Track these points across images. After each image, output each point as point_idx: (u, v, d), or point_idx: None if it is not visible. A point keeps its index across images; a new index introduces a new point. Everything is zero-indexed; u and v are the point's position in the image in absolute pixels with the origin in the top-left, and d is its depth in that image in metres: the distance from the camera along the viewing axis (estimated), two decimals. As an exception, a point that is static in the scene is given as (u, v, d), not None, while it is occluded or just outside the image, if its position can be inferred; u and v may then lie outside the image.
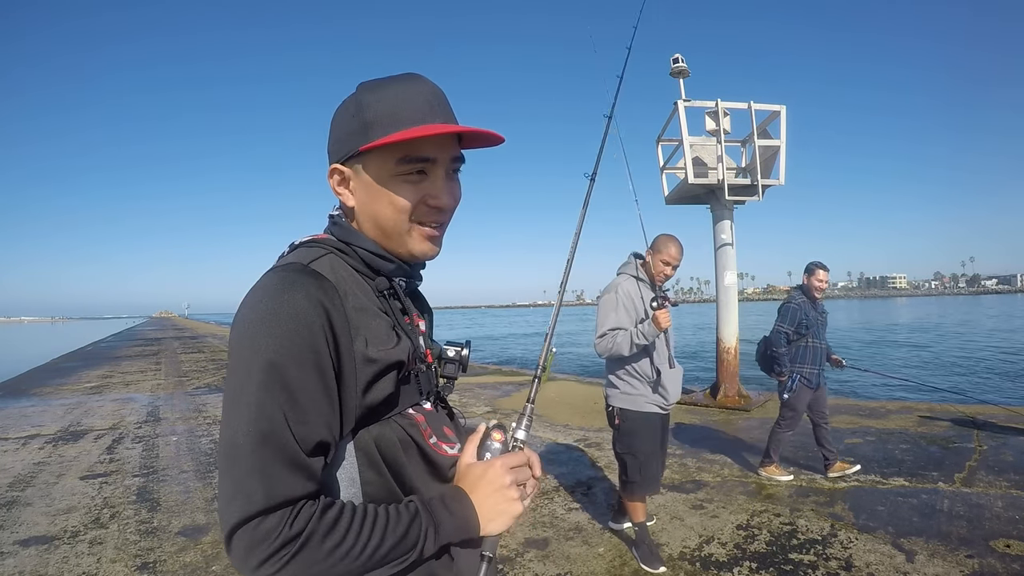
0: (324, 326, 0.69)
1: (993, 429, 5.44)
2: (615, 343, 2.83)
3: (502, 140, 0.85)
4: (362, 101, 0.79)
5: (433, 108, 0.79)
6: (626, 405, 2.93)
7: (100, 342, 29.38)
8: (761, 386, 8.16)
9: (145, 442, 5.94)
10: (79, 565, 3.10)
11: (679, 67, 7.02)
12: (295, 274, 0.72)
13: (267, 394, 0.65)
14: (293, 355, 0.66)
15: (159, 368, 14.03)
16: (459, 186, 0.86)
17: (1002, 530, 3.20)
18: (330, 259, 0.79)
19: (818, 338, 4.23)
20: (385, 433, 0.76)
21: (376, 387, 0.74)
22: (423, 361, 0.85)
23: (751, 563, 2.93)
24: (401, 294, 0.85)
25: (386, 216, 0.80)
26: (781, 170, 6.80)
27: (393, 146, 0.77)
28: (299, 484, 0.66)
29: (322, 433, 0.68)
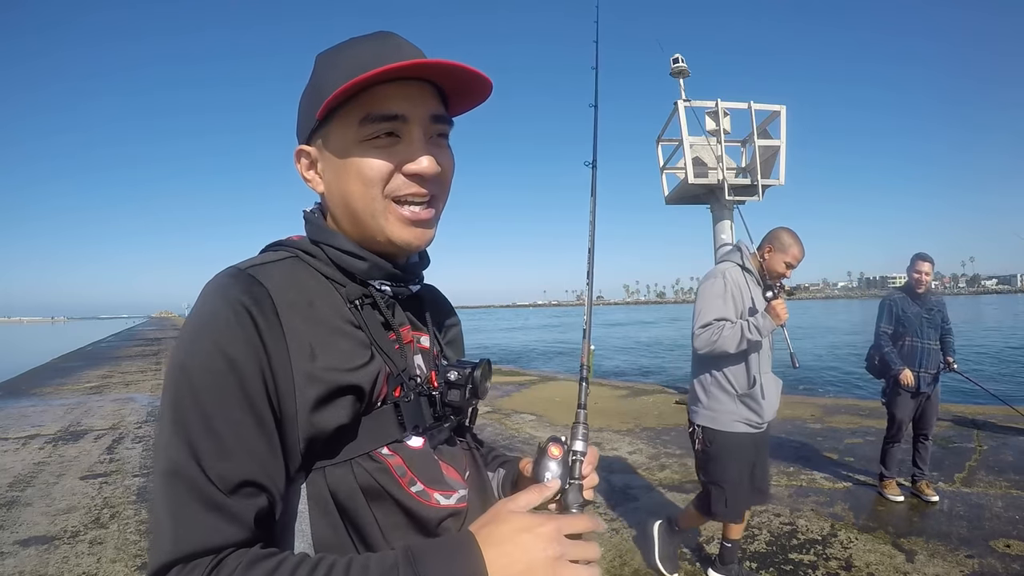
0: (251, 340, 0.57)
1: (993, 429, 5.45)
2: (721, 336, 2.37)
3: (489, 84, 0.68)
4: (316, 68, 0.69)
5: (398, 54, 0.64)
6: (710, 424, 2.49)
7: (100, 342, 29.39)
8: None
9: (145, 442, 5.94)
10: (79, 565, 3.10)
11: (679, 67, 7.03)
12: (225, 279, 0.61)
13: (178, 420, 0.55)
14: (211, 375, 0.55)
15: (159, 368, 14.02)
16: (448, 155, 0.69)
17: (1002, 530, 3.20)
18: (289, 263, 0.66)
19: (919, 336, 3.77)
20: (343, 478, 0.61)
21: (322, 415, 0.59)
22: (415, 387, 0.68)
23: (751, 563, 2.93)
24: (381, 303, 0.69)
25: (354, 193, 0.65)
26: (781, 170, 6.81)
27: (353, 107, 0.63)
28: (218, 530, 0.53)
29: (249, 470, 0.55)
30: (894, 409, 3.83)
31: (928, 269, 3.83)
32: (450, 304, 0.93)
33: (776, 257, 2.57)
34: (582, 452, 0.70)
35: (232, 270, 0.62)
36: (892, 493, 3.76)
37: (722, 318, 2.43)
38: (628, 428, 6.08)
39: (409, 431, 0.66)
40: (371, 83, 0.61)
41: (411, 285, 0.74)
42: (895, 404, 3.81)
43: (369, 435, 0.63)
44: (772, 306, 2.36)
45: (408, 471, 0.64)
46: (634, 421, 6.39)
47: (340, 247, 0.68)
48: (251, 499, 0.56)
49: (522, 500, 0.60)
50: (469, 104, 0.72)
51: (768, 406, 2.46)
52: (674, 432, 5.75)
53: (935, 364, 3.79)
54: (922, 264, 3.82)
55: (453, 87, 0.69)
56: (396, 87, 0.64)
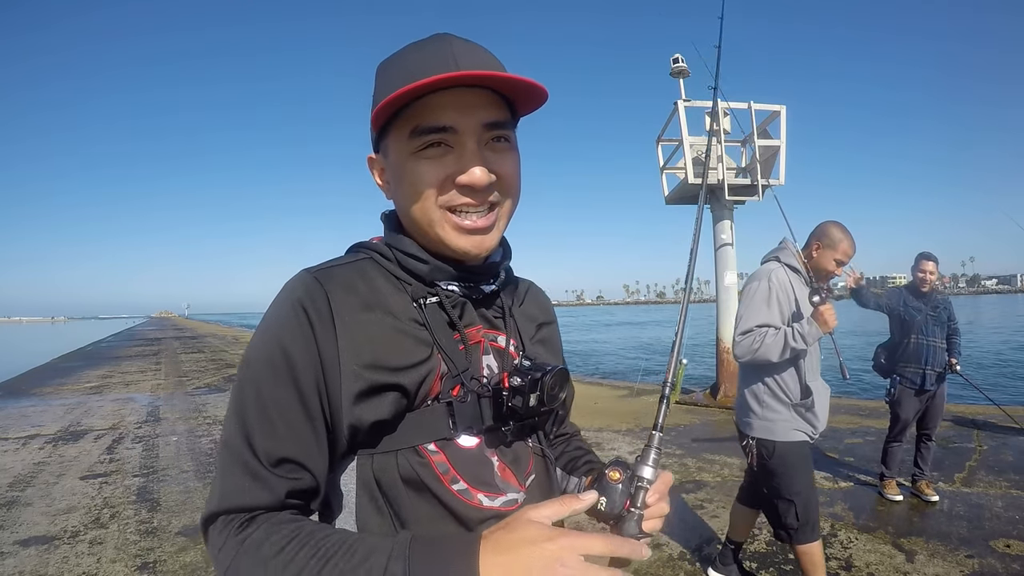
0: (306, 337, 0.62)
1: (993, 429, 5.45)
2: (763, 344, 2.19)
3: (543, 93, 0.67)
4: (376, 79, 0.70)
5: (447, 61, 0.63)
6: (769, 435, 2.29)
7: (100, 342, 29.39)
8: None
9: (145, 442, 5.94)
10: (79, 565, 3.10)
11: (679, 67, 7.03)
12: (293, 281, 0.66)
13: (240, 400, 0.63)
14: (267, 365, 0.63)
15: (159, 368, 14.03)
16: (509, 159, 0.68)
17: (1002, 530, 3.20)
18: (360, 265, 0.70)
19: (924, 334, 3.74)
20: (387, 467, 0.64)
21: (362, 408, 0.62)
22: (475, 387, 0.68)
23: (751, 563, 2.93)
24: (447, 303, 0.70)
25: (409, 204, 0.67)
26: (781, 170, 6.81)
27: (403, 119, 0.64)
28: (253, 495, 0.61)
29: (290, 450, 0.62)
30: (898, 409, 3.82)
31: (932, 268, 3.81)
32: (546, 303, 0.91)
33: (825, 254, 2.39)
34: (649, 479, 0.65)
35: (302, 273, 0.67)
36: (892, 493, 3.77)
37: (765, 324, 2.24)
38: (628, 428, 6.08)
39: (460, 430, 0.67)
40: (416, 95, 0.61)
41: (483, 285, 0.74)
42: (899, 403, 3.80)
43: (416, 430, 0.66)
44: (820, 312, 2.15)
45: (451, 469, 0.66)
46: (634, 421, 6.38)
47: (405, 250, 0.70)
48: (290, 475, 0.62)
49: (547, 510, 0.56)
50: (529, 107, 0.71)
51: (822, 415, 2.28)
52: (674, 432, 5.74)
53: (941, 363, 3.76)
54: (926, 263, 3.81)
55: (507, 91, 0.67)
56: (446, 96, 0.63)
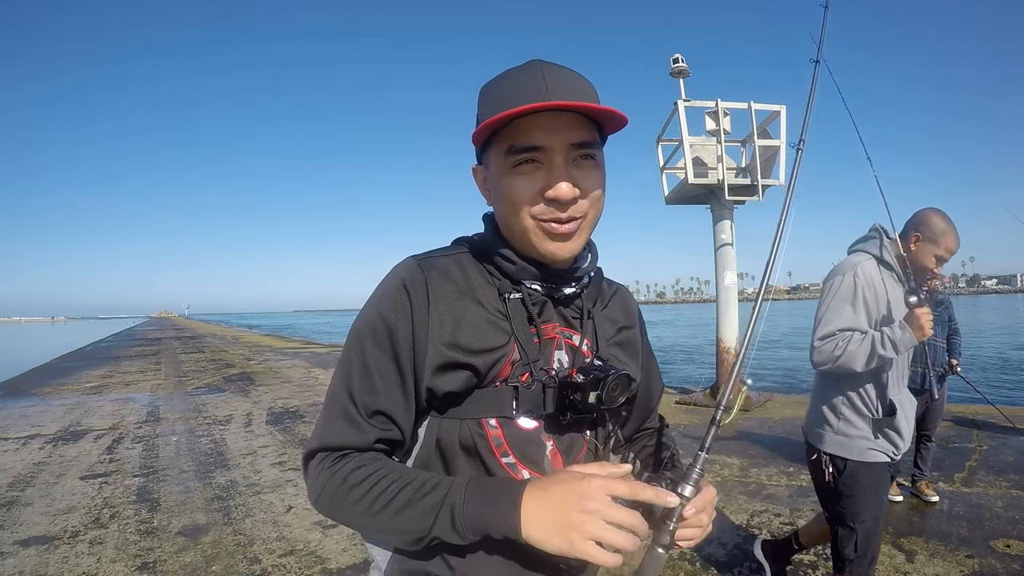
0: (405, 312, 0.73)
1: (993, 429, 5.45)
2: (846, 351, 1.88)
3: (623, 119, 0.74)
4: (478, 101, 0.78)
5: (539, 90, 0.70)
6: (842, 452, 2.00)
7: (100, 342, 29.39)
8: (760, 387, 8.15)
9: (145, 442, 5.95)
10: (79, 565, 3.10)
11: (679, 67, 7.02)
12: (400, 265, 0.78)
13: (347, 360, 0.76)
14: (371, 332, 0.74)
15: (159, 368, 14.03)
16: (593, 176, 0.75)
17: (1002, 530, 3.20)
18: (460, 257, 0.81)
19: None
20: (450, 430, 0.75)
21: (439, 379, 0.73)
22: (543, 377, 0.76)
23: (751, 563, 2.92)
24: (527, 300, 0.78)
25: (506, 213, 0.76)
26: (781, 170, 6.80)
27: (501, 138, 0.73)
28: (348, 436, 0.73)
29: (384, 404, 0.73)
30: None
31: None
32: (632, 307, 0.97)
33: (925, 249, 2.04)
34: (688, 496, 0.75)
35: (408, 259, 0.79)
36: (892, 493, 3.76)
37: (849, 328, 1.93)
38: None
39: (521, 412, 0.76)
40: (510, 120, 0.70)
41: (564, 287, 0.82)
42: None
43: (483, 405, 0.75)
44: (916, 315, 1.83)
45: (504, 443, 0.75)
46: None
47: (498, 250, 0.79)
48: (381, 425, 0.74)
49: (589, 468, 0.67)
50: (613, 128, 0.78)
51: (906, 432, 2.01)
52: (674, 432, 5.71)
53: (941, 363, 3.76)
54: None
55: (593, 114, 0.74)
56: (536, 119, 0.71)
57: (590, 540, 0.61)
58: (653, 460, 0.97)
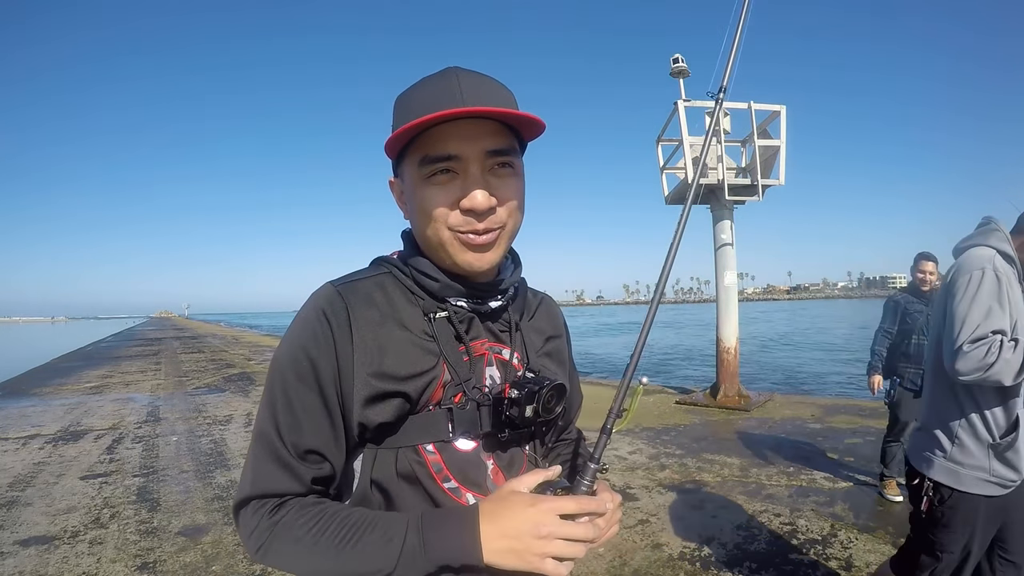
0: (327, 344, 0.70)
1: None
2: (1000, 358, 1.58)
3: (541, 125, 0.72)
4: (394, 109, 0.75)
5: (453, 95, 0.68)
6: (950, 481, 1.74)
7: (100, 342, 29.39)
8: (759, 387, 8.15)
9: (145, 442, 5.95)
10: (79, 565, 3.10)
11: (679, 67, 7.03)
12: (318, 292, 0.75)
13: (270, 399, 0.72)
14: (293, 367, 0.71)
15: (159, 368, 14.03)
16: (510, 184, 0.73)
17: (1002, 530, 3.20)
18: (380, 279, 0.78)
19: (925, 335, 3.66)
20: (386, 461, 0.72)
21: (370, 411, 0.70)
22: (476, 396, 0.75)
23: (751, 563, 2.93)
24: (454, 318, 0.76)
25: (421, 225, 0.73)
26: (781, 170, 6.81)
27: (414, 149, 0.71)
28: (283, 482, 0.69)
29: (313, 443, 0.70)
30: (897, 410, 3.82)
31: (932, 268, 3.79)
32: (557, 317, 0.95)
33: None
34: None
35: (327, 285, 0.75)
36: (892, 493, 3.76)
37: (1000, 331, 1.67)
38: (628, 428, 6.08)
39: (458, 434, 0.74)
40: (425, 127, 0.68)
41: (490, 301, 0.80)
42: (899, 405, 3.80)
43: (417, 431, 0.73)
44: None
45: (444, 468, 0.73)
46: (634, 421, 6.39)
47: (419, 268, 0.77)
48: (314, 464, 0.71)
49: (527, 480, 0.69)
50: (531, 135, 0.75)
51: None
52: (674, 432, 5.75)
53: None
54: (925, 263, 3.79)
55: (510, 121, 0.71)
56: (451, 127, 0.68)
57: (548, 559, 0.63)
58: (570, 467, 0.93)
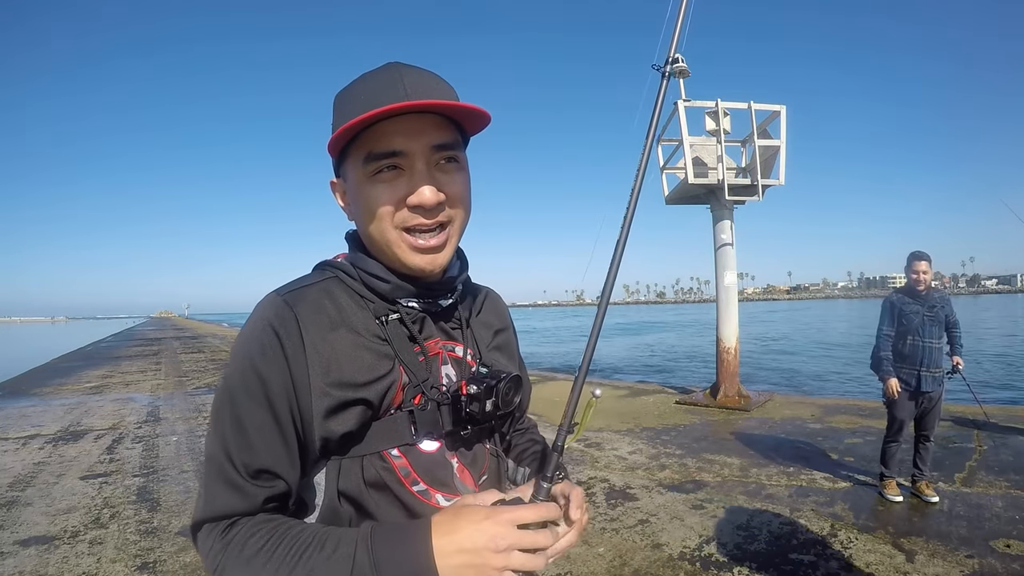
0: (277, 359, 0.67)
1: (993, 429, 5.45)
2: None
3: (486, 117, 0.72)
4: (333, 106, 0.74)
5: (397, 90, 0.67)
6: None
7: (100, 342, 29.38)
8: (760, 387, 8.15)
9: (145, 442, 5.95)
10: (79, 565, 3.10)
11: (679, 67, 6.99)
12: (265, 304, 0.71)
13: (219, 418, 0.69)
14: (243, 383, 0.68)
15: (159, 368, 14.03)
16: (457, 179, 0.73)
17: (1002, 530, 3.20)
18: (327, 284, 0.75)
19: (921, 335, 3.68)
20: (352, 471, 0.70)
21: (331, 422, 0.68)
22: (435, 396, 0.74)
23: (751, 563, 2.93)
24: (407, 319, 0.75)
25: (367, 225, 0.72)
26: (781, 170, 6.80)
27: (358, 146, 0.69)
28: (233, 503, 0.67)
29: (265, 462, 0.67)
30: (894, 410, 3.80)
31: (925, 267, 3.74)
32: (503, 310, 0.95)
33: None
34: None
35: (272, 295, 0.72)
36: (891, 493, 3.76)
37: None
38: (628, 428, 6.08)
39: (421, 436, 0.72)
40: (369, 124, 0.66)
41: (441, 300, 0.79)
42: (895, 404, 3.78)
43: (381, 437, 0.71)
44: None
45: (412, 472, 0.72)
46: (634, 421, 6.39)
47: (369, 271, 0.75)
48: (266, 483, 0.68)
49: (482, 497, 0.67)
50: (475, 129, 0.75)
51: None
52: (674, 432, 5.75)
53: (939, 363, 3.71)
54: (918, 263, 3.74)
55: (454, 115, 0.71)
56: (395, 123, 0.67)
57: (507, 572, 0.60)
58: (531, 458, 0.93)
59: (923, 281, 3.73)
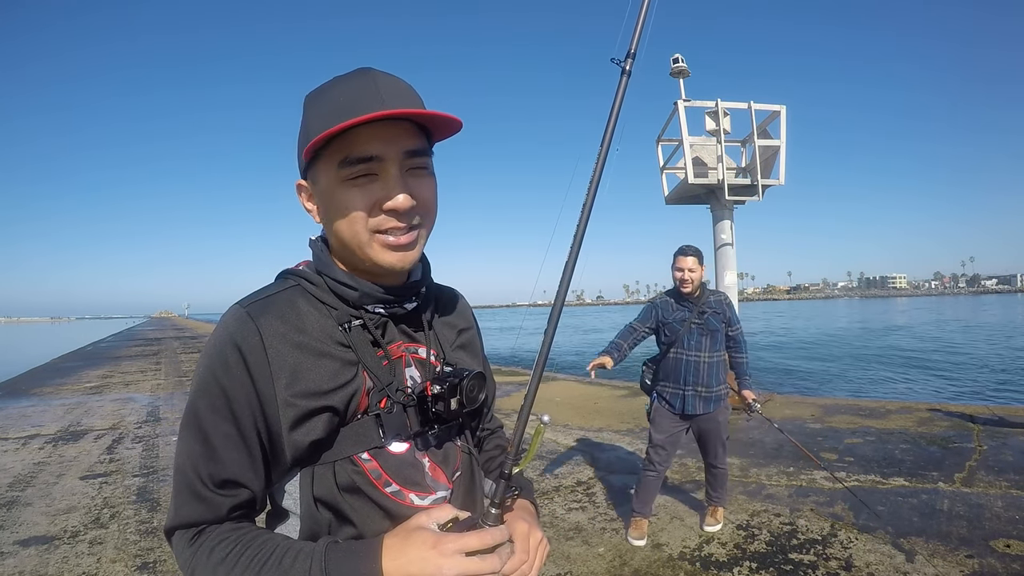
0: (240, 372, 0.69)
1: (993, 428, 5.45)
2: None
3: (458, 124, 0.74)
4: (304, 109, 0.75)
5: (375, 99, 0.69)
6: None
7: (100, 342, 29.39)
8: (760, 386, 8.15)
9: (145, 442, 5.95)
10: (79, 565, 3.10)
11: (679, 67, 7.02)
12: (228, 317, 0.73)
13: (186, 431, 0.72)
14: (207, 397, 0.70)
15: (159, 368, 14.03)
16: (427, 184, 0.75)
17: (1002, 530, 3.20)
18: (290, 294, 0.76)
19: (684, 347, 3.08)
20: (325, 478, 0.72)
21: (299, 432, 0.70)
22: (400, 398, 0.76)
23: (751, 563, 2.93)
24: (370, 324, 0.77)
25: (341, 228, 0.73)
26: (781, 170, 6.80)
27: (332, 150, 0.70)
28: (200, 513, 0.70)
29: (229, 473, 0.70)
30: (653, 431, 3.21)
31: (691, 264, 3.07)
32: (466, 310, 0.96)
33: None
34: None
35: (235, 308, 0.73)
36: (634, 535, 3.17)
37: None
38: (628, 428, 6.09)
39: (390, 438, 0.74)
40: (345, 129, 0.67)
41: (405, 303, 0.81)
42: (652, 423, 3.22)
43: (350, 442, 0.73)
44: None
45: (383, 474, 0.74)
46: (634, 421, 6.39)
47: (335, 278, 0.76)
48: (230, 493, 0.71)
49: (436, 514, 0.69)
50: (444, 135, 0.78)
51: None
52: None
53: (711, 381, 3.08)
54: (682, 259, 3.08)
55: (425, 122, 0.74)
56: (370, 129, 0.69)
57: None
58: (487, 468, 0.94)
59: (689, 280, 3.08)
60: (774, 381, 12.78)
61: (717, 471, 3.29)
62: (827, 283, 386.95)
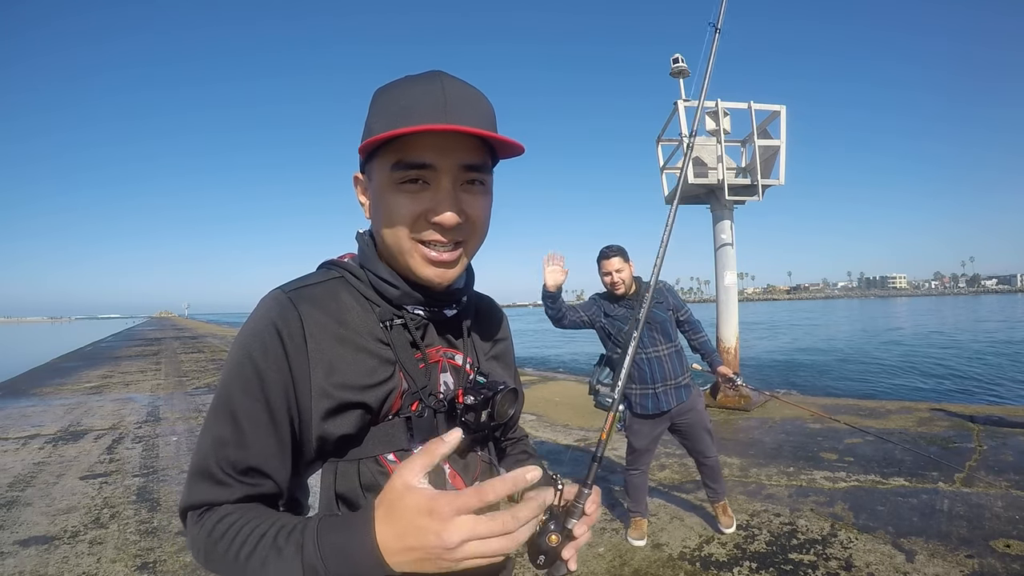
0: (278, 357, 0.68)
1: (994, 428, 5.44)
2: None
3: (520, 149, 0.73)
4: (371, 103, 0.74)
5: (438, 107, 0.67)
6: None
7: (100, 342, 29.39)
8: (759, 386, 8.15)
9: (145, 442, 5.95)
10: (79, 565, 3.10)
11: (679, 67, 7.02)
12: (269, 300, 0.71)
13: (213, 415, 0.70)
14: (241, 379, 0.68)
15: (159, 368, 14.03)
16: (480, 202, 0.73)
17: (1002, 530, 3.20)
18: (333, 285, 0.75)
19: (642, 346, 2.97)
20: (349, 474, 0.71)
21: (330, 424, 0.69)
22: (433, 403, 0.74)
23: (751, 563, 2.93)
24: (411, 325, 0.76)
25: (386, 230, 0.72)
26: (781, 170, 6.81)
27: (388, 150, 0.69)
28: (214, 494, 0.68)
29: (255, 460, 0.68)
30: (632, 438, 3.14)
31: (618, 264, 2.94)
32: (502, 320, 0.96)
33: None
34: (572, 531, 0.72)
35: (276, 292, 0.72)
36: (634, 535, 3.21)
37: None
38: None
39: (417, 442, 0.72)
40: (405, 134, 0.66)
41: (446, 310, 0.79)
42: (633, 433, 3.12)
43: (378, 442, 0.72)
44: None
45: None
46: (634, 421, 6.38)
47: (379, 275, 0.75)
48: (252, 481, 0.69)
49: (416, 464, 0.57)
50: (508, 155, 0.75)
51: None
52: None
53: (678, 371, 3.02)
54: (607, 263, 2.96)
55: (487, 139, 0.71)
56: (429, 136, 0.67)
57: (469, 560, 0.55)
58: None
59: (620, 282, 2.96)
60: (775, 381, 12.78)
61: (709, 462, 3.21)
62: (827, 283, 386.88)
